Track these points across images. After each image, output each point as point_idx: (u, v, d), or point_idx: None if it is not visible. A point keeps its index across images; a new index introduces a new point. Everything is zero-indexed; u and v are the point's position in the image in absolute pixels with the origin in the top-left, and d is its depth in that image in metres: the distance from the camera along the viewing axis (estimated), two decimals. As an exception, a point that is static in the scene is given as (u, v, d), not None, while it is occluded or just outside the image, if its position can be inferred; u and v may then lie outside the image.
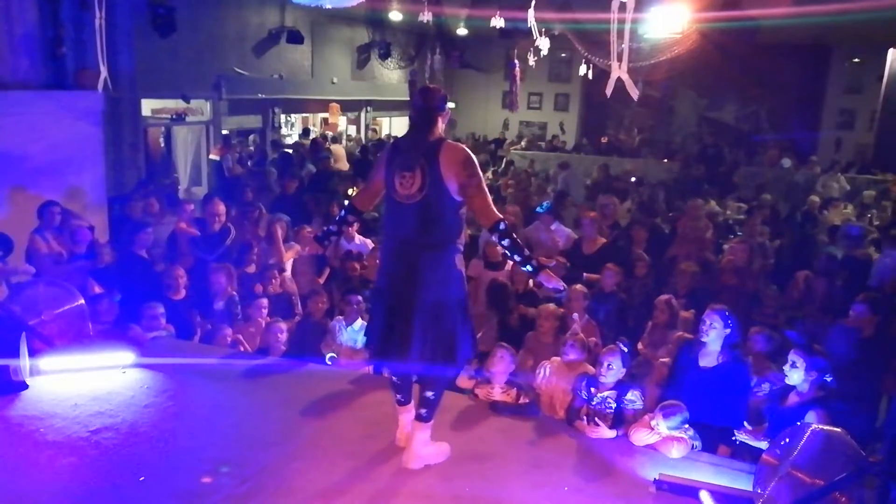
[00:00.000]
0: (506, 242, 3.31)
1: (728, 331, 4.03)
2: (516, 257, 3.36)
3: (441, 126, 3.45)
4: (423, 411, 3.48)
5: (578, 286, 5.61)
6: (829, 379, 3.78)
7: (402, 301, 3.36)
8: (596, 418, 3.87)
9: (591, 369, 4.19)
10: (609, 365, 3.92)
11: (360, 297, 5.18)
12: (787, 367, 3.83)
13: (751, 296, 6.11)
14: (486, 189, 3.40)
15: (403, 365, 3.45)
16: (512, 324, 5.66)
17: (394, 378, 3.63)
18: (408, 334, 3.34)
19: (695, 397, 3.90)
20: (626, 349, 4.08)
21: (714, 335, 4.06)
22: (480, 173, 3.37)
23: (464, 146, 3.45)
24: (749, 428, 3.90)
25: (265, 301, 5.57)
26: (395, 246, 3.44)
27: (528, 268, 3.38)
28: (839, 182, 12.97)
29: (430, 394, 3.47)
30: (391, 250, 3.48)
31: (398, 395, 3.63)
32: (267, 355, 4.91)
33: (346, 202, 3.66)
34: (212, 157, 11.10)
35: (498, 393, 4.18)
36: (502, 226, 3.29)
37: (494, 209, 3.36)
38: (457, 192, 3.29)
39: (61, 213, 6.11)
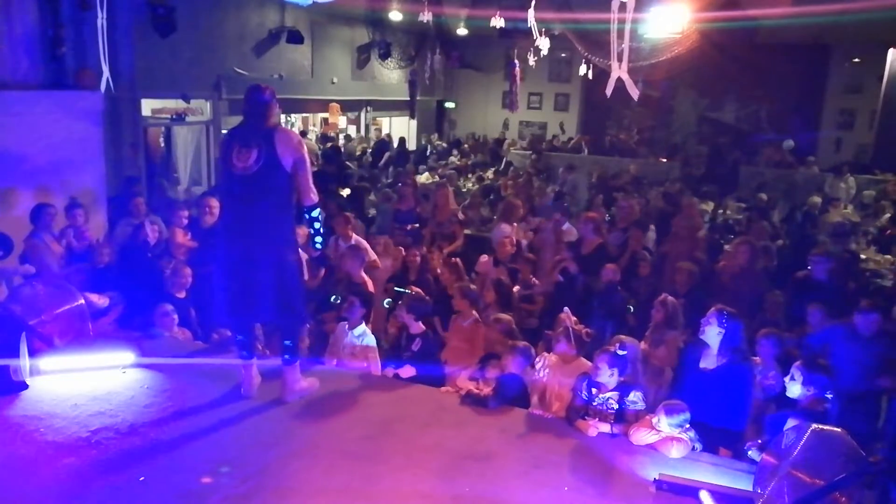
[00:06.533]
0: (314, 220, 4.09)
1: (723, 331, 4.00)
2: (315, 235, 4.15)
3: (274, 116, 3.98)
4: (286, 357, 4.08)
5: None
6: (829, 396, 3.67)
7: (246, 262, 3.88)
8: (597, 418, 3.87)
9: (588, 365, 4.18)
10: (598, 367, 3.92)
11: (355, 300, 5.15)
12: (787, 380, 3.81)
13: (753, 297, 6.09)
14: (310, 170, 4.02)
15: (256, 319, 4.19)
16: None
17: (239, 337, 4.15)
18: (260, 293, 3.91)
19: (695, 399, 3.89)
20: (624, 351, 4.05)
21: (709, 333, 4.05)
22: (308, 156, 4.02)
23: (295, 132, 4.08)
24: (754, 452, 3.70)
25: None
26: (235, 216, 3.95)
27: (316, 246, 4.19)
28: (847, 183, 12.95)
29: (288, 342, 4.09)
30: (231, 221, 3.97)
31: (243, 352, 4.15)
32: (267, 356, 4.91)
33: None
34: None
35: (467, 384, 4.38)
36: (316, 210, 4.05)
37: (314, 190, 4.01)
38: (290, 166, 3.88)
39: (56, 213, 6.09)
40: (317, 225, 4.13)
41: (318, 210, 4.11)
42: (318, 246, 4.24)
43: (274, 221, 3.94)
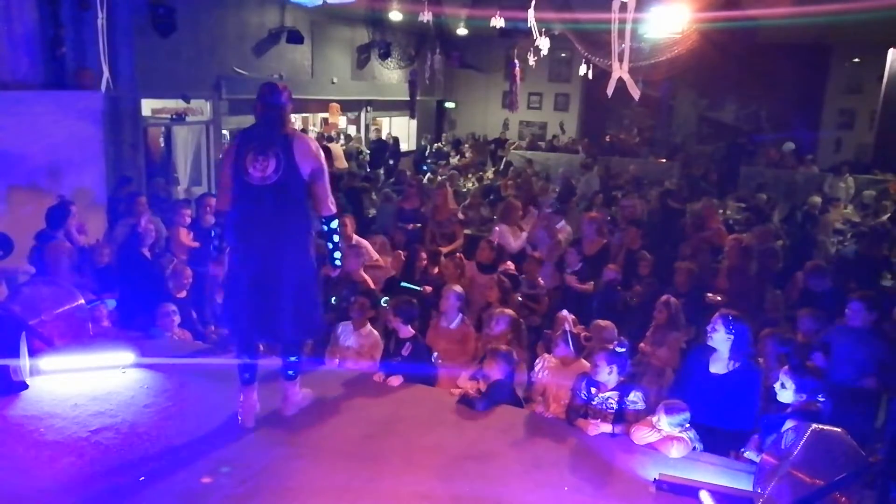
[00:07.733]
0: (333, 233, 3.86)
1: (731, 337, 3.95)
2: (334, 250, 3.91)
3: (290, 119, 3.78)
4: (290, 373, 3.94)
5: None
6: (821, 399, 3.63)
7: (266, 278, 3.66)
8: (597, 418, 3.87)
9: (587, 366, 4.18)
10: (597, 365, 3.91)
11: (366, 300, 5.14)
12: (777, 386, 3.72)
13: (751, 295, 6.08)
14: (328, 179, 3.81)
15: (277, 340, 3.89)
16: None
17: (246, 358, 3.87)
18: (277, 308, 3.70)
19: (704, 403, 3.87)
20: (623, 349, 4.04)
21: (717, 339, 4.02)
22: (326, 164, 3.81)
23: (312, 138, 3.90)
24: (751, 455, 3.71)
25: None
26: (250, 227, 3.69)
27: (336, 262, 3.97)
28: (846, 183, 12.95)
29: (293, 359, 3.93)
30: (246, 232, 3.72)
31: (246, 374, 3.86)
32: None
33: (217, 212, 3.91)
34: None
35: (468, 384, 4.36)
36: (334, 222, 3.84)
37: (332, 199, 3.81)
38: (308, 175, 3.67)
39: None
40: (335, 238, 3.89)
41: (336, 221, 3.88)
42: (338, 263, 4.01)
43: (293, 235, 3.72)
